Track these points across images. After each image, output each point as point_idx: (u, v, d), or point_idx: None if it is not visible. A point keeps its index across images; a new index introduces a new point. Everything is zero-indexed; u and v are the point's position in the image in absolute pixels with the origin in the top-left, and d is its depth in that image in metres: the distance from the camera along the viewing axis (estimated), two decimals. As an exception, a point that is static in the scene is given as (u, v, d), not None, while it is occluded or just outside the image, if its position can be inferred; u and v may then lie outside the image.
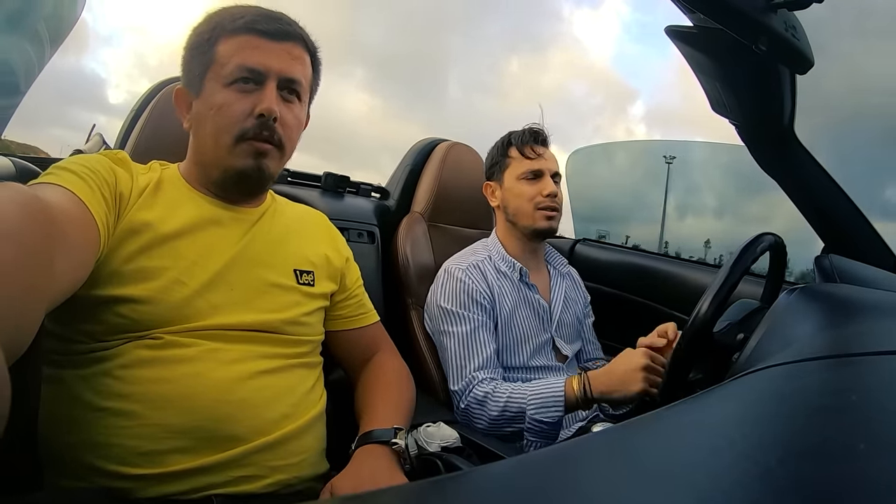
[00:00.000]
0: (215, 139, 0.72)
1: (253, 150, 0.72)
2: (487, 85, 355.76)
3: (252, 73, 0.71)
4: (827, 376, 0.39)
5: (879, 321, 0.55)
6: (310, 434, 0.73)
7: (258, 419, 0.67)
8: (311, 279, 0.80)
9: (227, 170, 0.73)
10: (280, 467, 0.68)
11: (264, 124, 0.71)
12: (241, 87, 0.71)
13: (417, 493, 0.25)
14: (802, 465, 0.24)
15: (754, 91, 0.83)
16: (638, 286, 1.54)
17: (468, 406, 1.07)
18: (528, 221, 1.21)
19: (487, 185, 1.29)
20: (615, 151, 2.41)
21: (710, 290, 0.70)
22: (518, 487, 0.24)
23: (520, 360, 1.16)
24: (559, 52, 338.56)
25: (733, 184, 2.26)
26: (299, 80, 0.75)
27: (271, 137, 0.72)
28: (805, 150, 0.93)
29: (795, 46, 0.70)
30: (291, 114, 0.75)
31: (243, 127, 0.71)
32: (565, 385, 1.02)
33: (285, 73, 0.73)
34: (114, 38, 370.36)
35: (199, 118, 0.74)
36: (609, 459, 0.28)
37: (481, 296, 1.14)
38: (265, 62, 0.72)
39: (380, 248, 1.33)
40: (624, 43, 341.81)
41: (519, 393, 1.04)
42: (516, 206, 1.22)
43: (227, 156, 0.72)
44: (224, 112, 0.71)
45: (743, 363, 0.57)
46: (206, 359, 0.66)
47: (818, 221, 1.00)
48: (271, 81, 0.72)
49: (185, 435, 0.63)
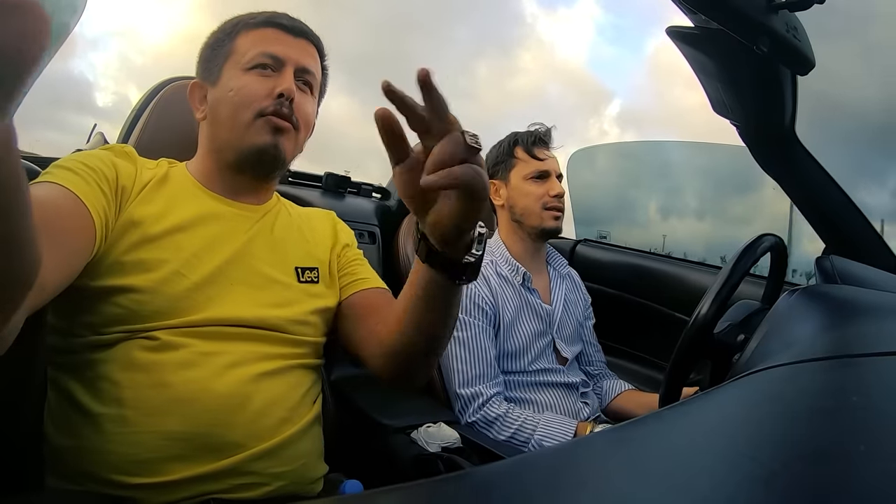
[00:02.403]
0: (233, 117, 0.74)
1: (271, 125, 0.73)
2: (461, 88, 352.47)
3: (273, 59, 0.75)
4: (828, 377, 0.39)
5: (881, 322, 0.55)
6: (308, 437, 0.73)
7: (257, 425, 0.66)
8: (314, 276, 0.79)
9: (243, 149, 0.74)
10: (280, 473, 0.67)
11: (283, 103, 0.73)
12: (261, 72, 0.74)
13: (418, 493, 0.25)
14: (803, 466, 0.24)
15: (755, 92, 0.83)
16: (639, 287, 1.54)
17: (476, 422, 1.07)
18: (536, 221, 1.22)
19: (491, 184, 1.28)
20: (616, 152, 2.42)
21: (711, 291, 0.70)
22: (518, 488, 0.24)
23: (521, 365, 1.16)
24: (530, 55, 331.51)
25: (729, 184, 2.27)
26: (314, 72, 0.79)
27: (289, 117, 0.74)
28: (806, 151, 0.93)
29: (797, 47, 0.70)
30: (308, 102, 0.78)
31: (262, 105, 0.73)
32: (577, 430, 1.04)
33: (302, 63, 0.77)
34: (100, 41, 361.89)
35: (215, 104, 0.76)
36: (609, 460, 0.28)
37: (483, 301, 1.14)
38: (285, 51, 0.76)
39: (381, 248, 1.34)
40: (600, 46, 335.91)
41: (530, 425, 1.05)
42: (524, 205, 1.23)
43: (244, 132, 0.73)
44: (244, 92, 0.73)
45: (744, 364, 0.57)
46: (204, 363, 0.65)
47: (819, 222, 0.99)
48: (289, 68, 0.75)
49: (182, 443, 0.62)
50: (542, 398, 1.15)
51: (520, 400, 1.14)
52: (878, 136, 1.41)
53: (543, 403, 1.14)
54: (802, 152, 0.93)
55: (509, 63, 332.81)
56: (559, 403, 1.16)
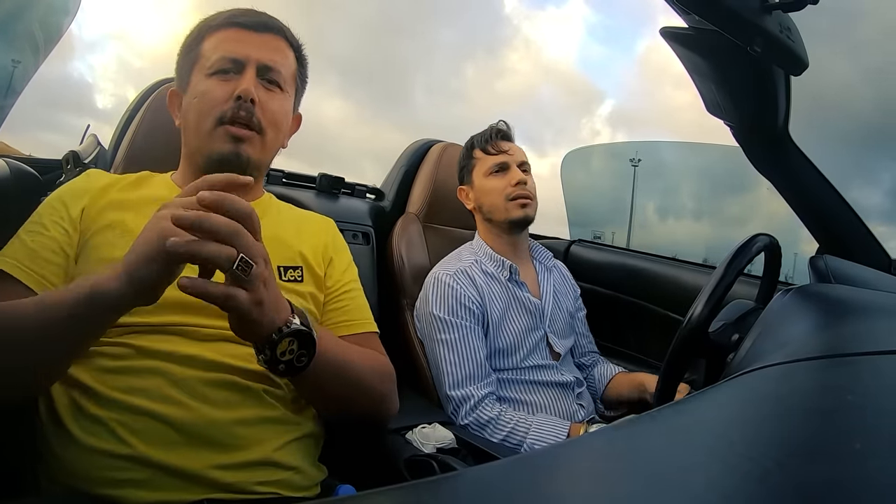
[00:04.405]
0: (197, 125, 0.74)
1: (229, 134, 0.73)
2: (452, 89, 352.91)
3: (232, 62, 0.74)
4: (822, 376, 0.39)
5: (875, 321, 0.55)
6: (302, 444, 0.72)
7: (242, 430, 0.65)
8: (297, 275, 0.77)
9: (209, 155, 0.74)
10: (274, 482, 0.66)
11: (241, 106, 0.73)
12: (222, 77, 0.74)
13: (413, 494, 0.25)
14: (798, 465, 0.24)
15: (749, 92, 0.83)
16: (634, 287, 1.54)
17: (469, 425, 1.07)
18: (502, 215, 1.23)
19: (461, 190, 1.32)
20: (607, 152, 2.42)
21: (705, 291, 0.70)
22: (513, 488, 0.24)
23: (513, 362, 1.16)
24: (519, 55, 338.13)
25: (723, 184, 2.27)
26: (278, 69, 0.77)
27: (249, 120, 0.73)
28: (800, 151, 0.93)
29: (790, 48, 0.70)
30: (274, 101, 0.77)
31: (222, 110, 0.73)
32: (570, 431, 1.04)
33: (263, 60, 0.76)
34: (97, 44, 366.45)
35: (185, 111, 0.77)
36: (604, 460, 0.28)
37: (470, 301, 1.13)
38: (244, 51, 0.75)
39: (375, 249, 1.33)
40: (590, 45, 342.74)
41: (522, 427, 1.05)
42: (489, 202, 1.24)
43: (207, 140, 0.74)
44: (205, 98, 0.74)
45: (738, 364, 0.57)
46: (185, 363, 0.64)
47: (813, 222, 1.00)
48: (250, 68, 0.75)
49: (171, 444, 0.61)
50: (537, 400, 1.15)
51: (514, 401, 1.14)
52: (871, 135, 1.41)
53: (538, 405, 1.14)
54: (796, 152, 0.93)
55: (499, 64, 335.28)
56: (554, 405, 1.15)
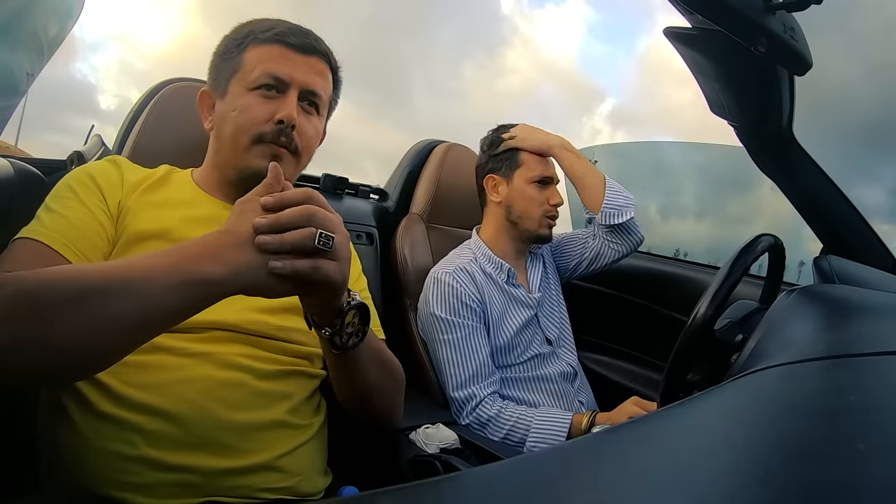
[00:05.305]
0: (234, 139, 0.74)
1: (269, 152, 0.73)
2: (451, 89, 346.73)
3: (276, 80, 0.74)
4: (826, 377, 0.39)
5: (878, 322, 0.55)
6: (309, 450, 0.72)
7: (250, 433, 0.65)
8: None
9: (242, 169, 0.74)
10: (279, 489, 0.67)
11: (282, 130, 0.73)
12: (264, 94, 0.74)
13: (416, 494, 0.25)
14: (802, 465, 0.24)
15: (753, 93, 0.83)
16: (636, 287, 1.54)
17: (470, 424, 1.07)
18: (533, 226, 1.22)
19: (491, 179, 1.26)
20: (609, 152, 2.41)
21: (710, 291, 0.70)
22: (516, 488, 0.24)
23: (513, 358, 1.17)
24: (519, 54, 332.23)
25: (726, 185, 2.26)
26: (320, 93, 0.78)
27: (288, 144, 0.74)
28: (803, 152, 0.93)
29: (794, 48, 0.70)
30: (310, 125, 0.77)
31: (262, 130, 0.73)
32: (572, 421, 1.04)
33: (308, 85, 0.76)
34: (100, 46, 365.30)
35: (221, 119, 0.76)
36: (607, 461, 0.28)
37: (471, 299, 1.13)
38: (290, 72, 0.74)
39: (378, 249, 1.33)
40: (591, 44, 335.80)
41: (524, 422, 1.05)
42: (524, 208, 1.22)
43: (243, 155, 0.74)
44: (245, 114, 0.73)
45: (742, 364, 0.57)
46: (195, 366, 0.64)
47: (817, 222, 1.00)
48: (293, 91, 0.74)
49: (175, 445, 0.61)
50: (539, 399, 1.15)
51: (517, 401, 1.14)
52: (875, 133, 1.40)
53: (540, 405, 1.14)
54: (799, 153, 0.93)
55: (499, 62, 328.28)
56: (557, 405, 1.15)
